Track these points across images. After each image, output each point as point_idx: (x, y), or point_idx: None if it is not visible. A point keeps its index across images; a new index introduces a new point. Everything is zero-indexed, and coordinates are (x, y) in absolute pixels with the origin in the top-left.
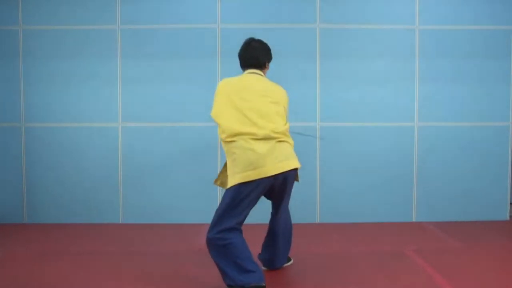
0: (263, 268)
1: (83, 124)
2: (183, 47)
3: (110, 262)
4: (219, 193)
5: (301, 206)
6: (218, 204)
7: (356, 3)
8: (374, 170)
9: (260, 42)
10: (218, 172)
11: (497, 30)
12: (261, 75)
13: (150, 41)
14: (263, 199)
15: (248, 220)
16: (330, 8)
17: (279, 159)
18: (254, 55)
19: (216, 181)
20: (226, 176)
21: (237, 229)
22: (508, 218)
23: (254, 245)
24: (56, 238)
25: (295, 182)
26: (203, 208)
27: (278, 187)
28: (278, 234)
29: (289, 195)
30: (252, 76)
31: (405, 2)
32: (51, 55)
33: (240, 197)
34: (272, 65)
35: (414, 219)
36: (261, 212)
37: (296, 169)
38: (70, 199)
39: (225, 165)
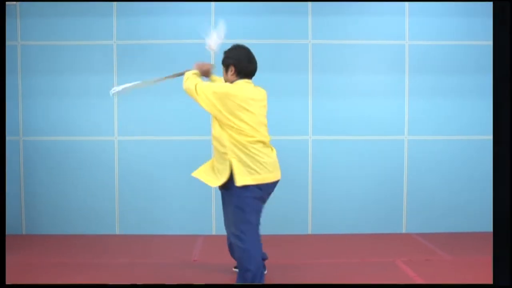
0: None
1: (80, 137)
2: (178, 62)
3: (106, 273)
4: (214, 205)
5: (294, 218)
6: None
7: (347, 20)
8: (365, 183)
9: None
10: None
11: (486, 45)
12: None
13: (146, 56)
14: None
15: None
16: (321, 25)
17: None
18: (256, 68)
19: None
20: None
21: None
22: None
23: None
24: (54, 249)
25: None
26: (199, 220)
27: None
28: None
29: None
30: (252, 86)
31: (395, 18)
32: (49, 70)
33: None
34: (265, 79)
35: (404, 231)
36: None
37: None
38: (68, 210)
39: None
